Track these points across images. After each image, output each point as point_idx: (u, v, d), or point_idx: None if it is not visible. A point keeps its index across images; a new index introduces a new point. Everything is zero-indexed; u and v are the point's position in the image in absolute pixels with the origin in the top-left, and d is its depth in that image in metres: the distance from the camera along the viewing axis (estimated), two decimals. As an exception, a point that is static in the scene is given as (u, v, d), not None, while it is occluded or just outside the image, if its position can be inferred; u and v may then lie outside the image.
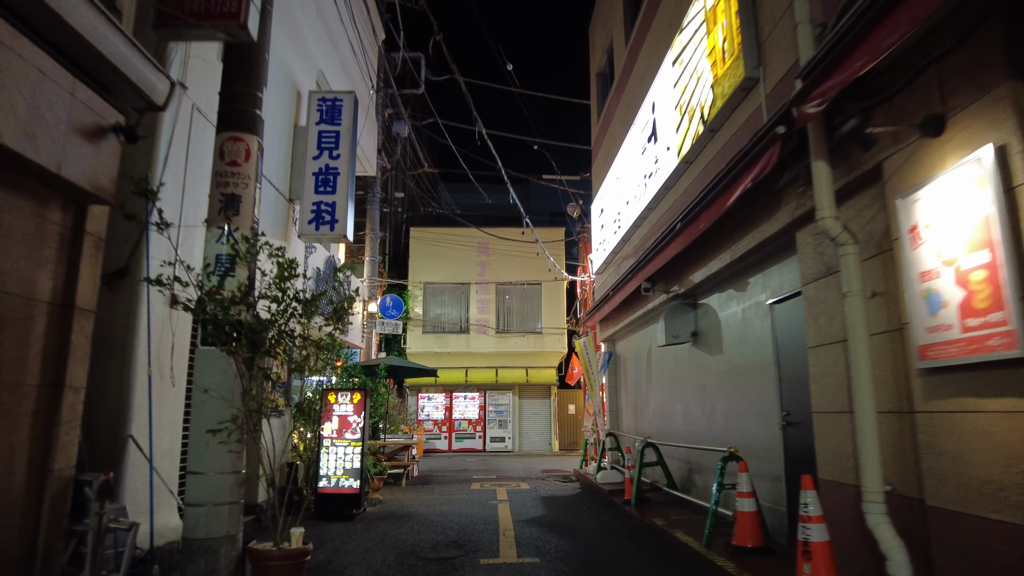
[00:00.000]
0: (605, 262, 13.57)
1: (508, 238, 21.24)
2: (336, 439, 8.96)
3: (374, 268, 16.92)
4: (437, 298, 23.61)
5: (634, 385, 12.75)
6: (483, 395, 22.94)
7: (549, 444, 22.85)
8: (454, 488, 12.15)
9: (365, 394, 9.08)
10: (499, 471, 15.88)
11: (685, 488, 9.30)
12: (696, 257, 8.03)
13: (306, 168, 9.66)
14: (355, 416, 9.00)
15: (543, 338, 22.90)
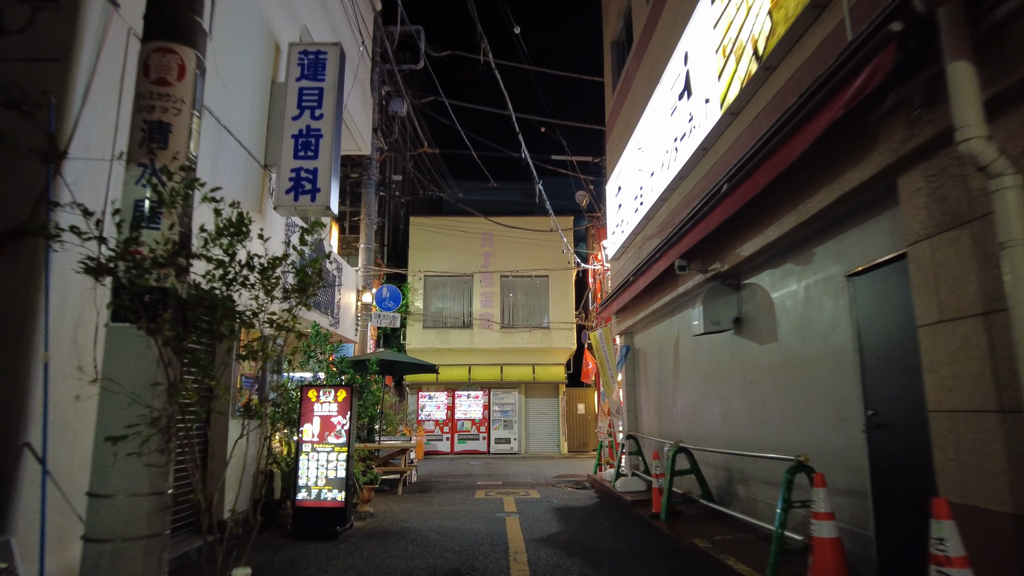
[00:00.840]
0: (623, 246, 12.25)
1: (514, 226, 19.94)
2: (318, 444, 7.65)
3: (370, 256, 15.62)
4: (438, 291, 22.31)
5: (656, 382, 11.43)
6: (487, 394, 21.63)
7: (557, 446, 21.53)
8: (456, 497, 10.84)
9: (351, 392, 7.77)
10: (505, 476, 14.57)
11: (724, 500, 7.97)
12: (746, 225, 6.71)
13: (284, 130, 8.36)
14: (339, 417, 7.69)
15: (551, 333, 21.58)
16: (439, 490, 11.82)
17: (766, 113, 6.24)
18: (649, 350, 11.83)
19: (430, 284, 22.23)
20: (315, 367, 8.76)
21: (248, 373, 7.61)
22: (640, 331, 12.39)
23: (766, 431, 6.92)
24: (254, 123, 8.19)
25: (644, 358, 12.19)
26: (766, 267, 6.95)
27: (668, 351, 10.61)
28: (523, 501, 10.33)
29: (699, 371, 9.11)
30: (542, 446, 21.58)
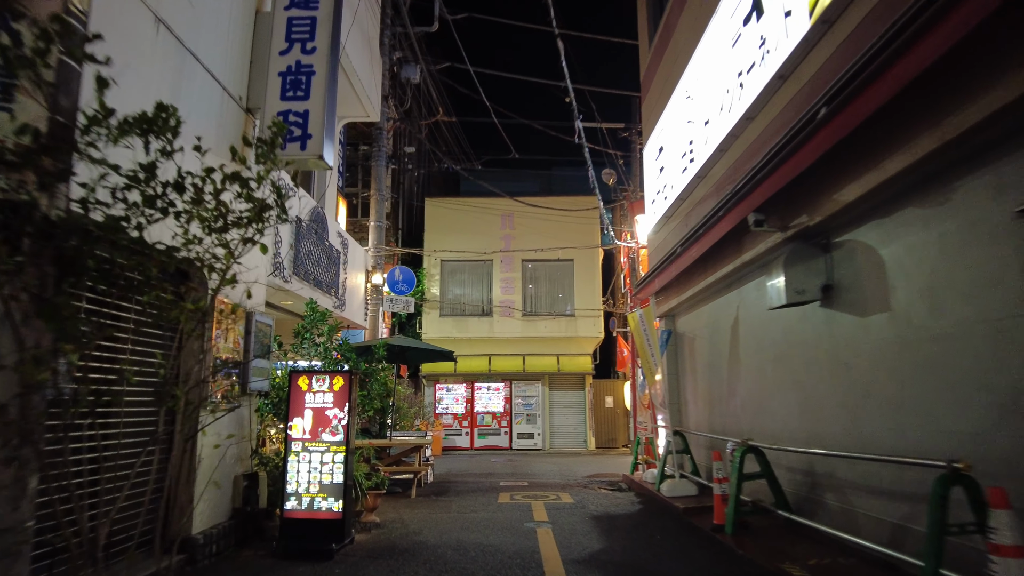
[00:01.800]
0: (665, 216, 10.75)
1: (538, 205, 18.48)
2: (309, 442, 6.29)
3: (381, 235, 14.26)
4: (456, 276, 20.92)
5: (706, 370, 9.94)
6: (509, 386, 20.24)
7: (584, 441, 20.09)
8: (477, 501, 9.45)
9: (350, 379, 6.39)
10: (531, 475, 13.17)
11: (806, 510, 6.49)
12: (852, 160, 5.21)
13: (270, 67, 6.98)
14: (336, 410, 6.32)
15: (576, 321, 20.11)
16: (458, 492, 10.44)
17: (882, 8, 4.73)
18: (697, 333, 10.34)
19: (447, 269, 20.85)
20: (311, 351, 7.40)
21: (227, 356, 6.26)
22: (684, 312, 10.89)
23: (871, 426, 5.43)
24: (234, 59, 6.80)
25: (690, 343, 10.70)
26: (873, 216, 5.44)
27: (723, 333, 9.11)
28: (555, 507, 8.92)
29: (766, 354, 7.61)
30: (567, 442, 20.16)
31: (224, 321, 6.19)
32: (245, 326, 6.67)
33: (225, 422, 6.27)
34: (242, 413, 6.64)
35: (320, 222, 9.89)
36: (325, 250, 10.18)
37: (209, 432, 5.87)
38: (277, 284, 8.25)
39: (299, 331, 7.45)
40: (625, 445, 20.26)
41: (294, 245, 8.80)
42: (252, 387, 6.71)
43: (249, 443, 6.76)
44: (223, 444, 6.15)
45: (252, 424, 6.81)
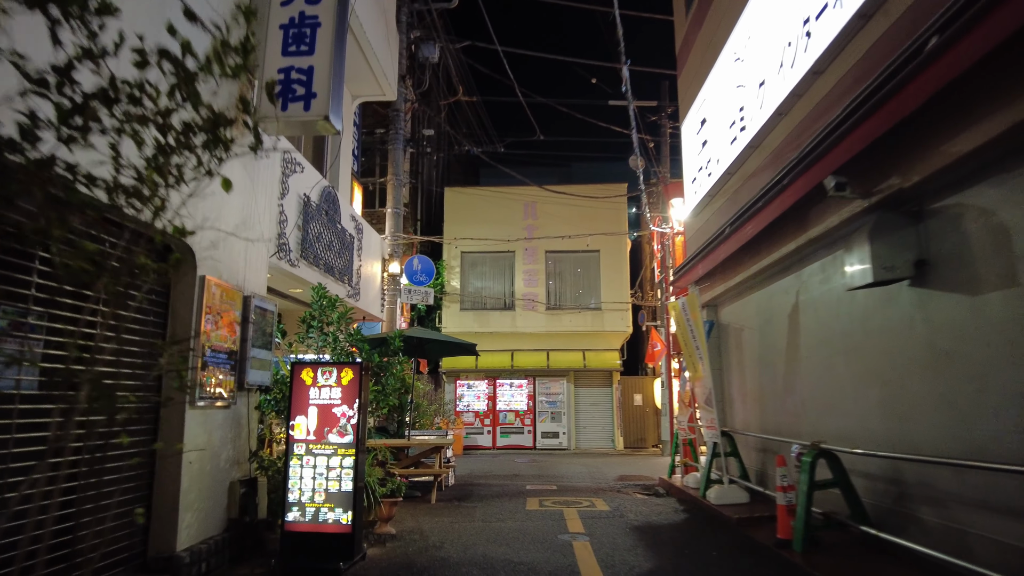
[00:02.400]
0: (708, 194, 9.80)
1: (565, 192, 17.58)
2: (314, 444, 5.46)
3: (398, 222, 13.44)
4: (476, 269, 20.08)
5: (755, 364, 8.99)
6: (532, 383, 19.36)
7: (612, 441, 19.16)
8: (504, 508, 8.60)
9: (361, 372, 5.56)
10: (559, 477, 12.30)
11: (892, 525, 5.53)
12: (969, 105, 4.25)
13: (270, 19, 6.17)
14: (344, 407, 5.49)
15: (602, 315, 19.17)
16: (482, 497, 9.59)
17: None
18: (745, 324, 9.38)
19: (467, 261, 20.03)
20: (319, 342, 6.58)
21: (219, 344, 5.45)
22: (730, 302, 9.93)
23: (987, 427, 4.47)
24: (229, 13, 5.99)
25: (736, 335, 9.74)
26: (991, 172, 4.48)
27: (777, 323, 8.16)
28: (590, 516, 8.04)
29: (835, 345, 6.66)
30: (594, 441, 19.24)
31: (216, 304, 5.38)
32: (242, 311, 5.86)
33: (218, 421, 5.47)
34: (239, 411, 5.84)
35: (331, 203, 9.08)
36: (337, 234, 9.37)
37: (197, 433, 5.08)
38: (282, 268, 7.45)
39: (305, 319, 6.64)
40: (655, 445, 19.30)
41: (302, 226, 8.00)
42: (250, 381, 5.91)
43: (247, 444, 5.96)
44: (215, 445, 5.36)
45: (251, 423, 6.01)
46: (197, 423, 5.12)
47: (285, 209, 7.44)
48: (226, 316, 5.58)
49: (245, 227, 6.06)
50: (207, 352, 5.25)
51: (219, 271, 5.53)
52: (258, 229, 6.35)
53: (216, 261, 5.48)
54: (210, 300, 5.30)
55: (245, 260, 6.05)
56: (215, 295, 5.39)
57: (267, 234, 6.66)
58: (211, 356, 5.32)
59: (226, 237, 5.66)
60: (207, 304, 5.25)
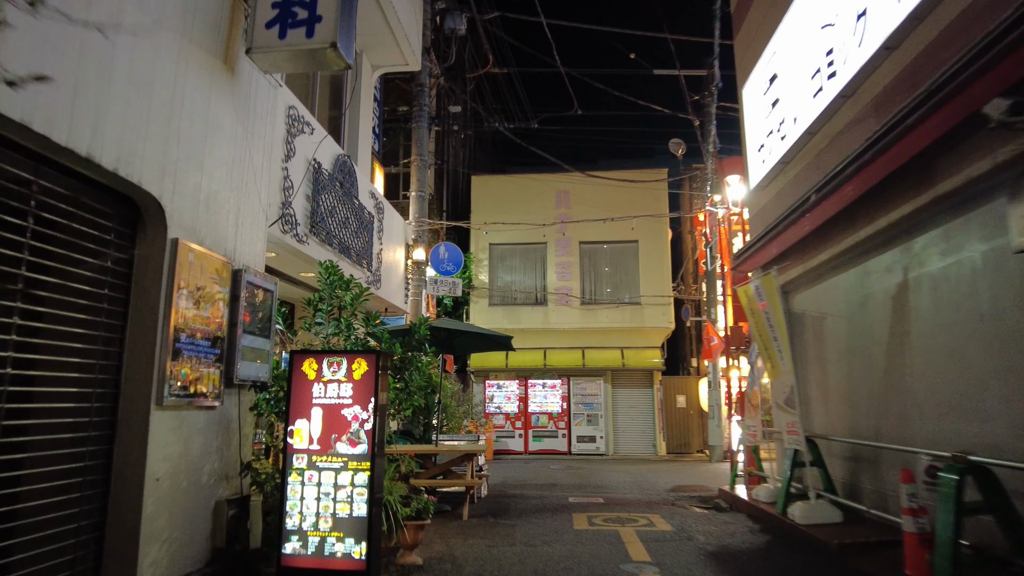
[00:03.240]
0: (781, 162, 8.45)
1: (603, 176, 16.29)
2: (319, 455, 4.28)
3: (423, 206, 12.27)
4: (506, 262, 18.87)
5: (843, 358, 7.64)
6: (566, 383, 18.07)
7: (653, 446, 17.79)
8: (547, 526, 7.35)
9: (379, 364, 4.35)
10: (603, 488, 11.02)
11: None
12: None
13: (266, -71, 5.01)
14: (357, 408, 4.29)
15: (642, 310, 17.81)
16: (520, 512, 8.35)
17: None
18: (829, 311, 8.02)
19: (496, 254, 18.83)
20: (330, 329, 5.38)
21: (199, 328, 4.29)
22: (805, 286, 8.56)
23: None
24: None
25: (814, 325, 8.38)
26: None
27: (877, 306, 6.81)
28: (651, 537, 6.76)
29: (968, 329, 5.30)
30: (633, 446, 17.88)
31: (194, 276, 4.22)
32: (231, 288, 4.70)
33: (199, 425, 4.30)
34: (227, 412, 4.67)
35: (348, 175, 7.92)
36: (354, 211, 8.20)
37: (168, 441, 3.92)
38: (288, 244, 6.29)
39: (312, 301, 5.45)
40: (700, 450, 17.89)
41: (311, 196, 6.84)
42: (242, 375, 4.74)
43: (239, 454, 4.79)
44: (194, 456, 4.20)
45: (243, 428, 4.84)
46: (167, 428, 3.96)
47: (290, 174, 6.29)
48: (209, 293, 4.41)
49: (236, 185, 4.90)
50: (181, 337, 4.09)
51: (199, 235, 4.37)
52: (254, 191, 5.20)
53: (195, 222, 4.32)
54: (185, 271, 4.14)
55: (236, 226, 4.89)
56: (193, 265, 4.23)
57: (267, 199, 5.50)
58: (187, 343, 4.15)
59: (210, 193, 4.50)
60: (181, 276, 4.09)
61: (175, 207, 4.10)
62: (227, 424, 4.67)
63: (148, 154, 3.81)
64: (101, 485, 3.70)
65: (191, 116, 4.27)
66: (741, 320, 11.05)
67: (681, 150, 17.88)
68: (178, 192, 4.13)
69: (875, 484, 6.85)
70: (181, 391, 4.07)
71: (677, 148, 17.88)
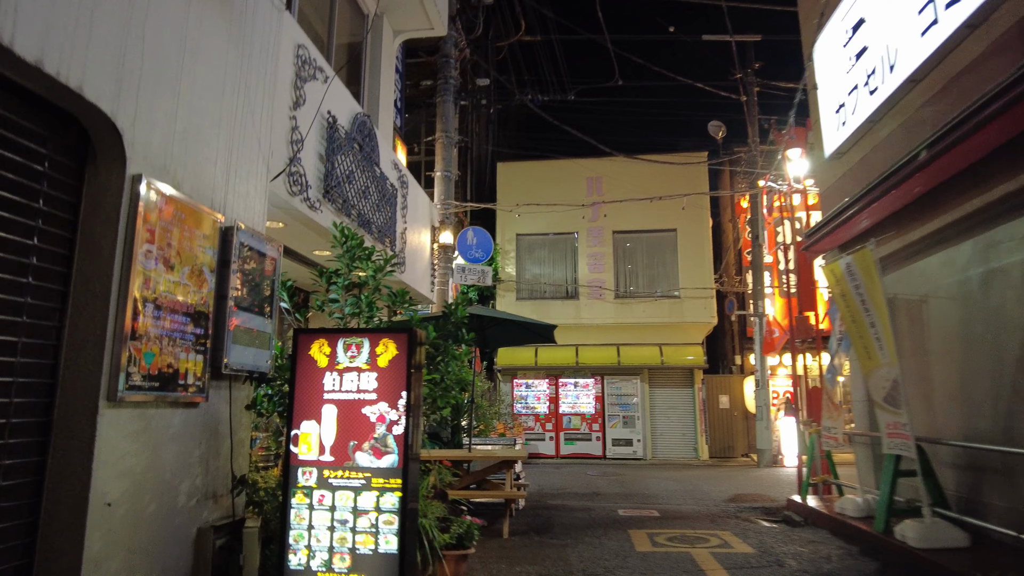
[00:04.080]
0: (870, 119, 7.24)
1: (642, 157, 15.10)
2: (332, 468, 3.18)
3: (449, 187, 11.20)
4: (534, 253, 17.75)
5: (955, 347, 6.42)
6: (600, 382, 16.88)
7: (694, 450, 16.55)
8: (603, 547, 6.22)
9: (411, 344, 3.25)
10: (652, 498, 9.86)
11: None
12: None
13: None
14: (383, 405, 3.19)
15: (681, 304, 16.58)
16: (567, 528, 7.22)
17: None
18: (934, 292, 6.80)
19: (523, 245, 17.72)
20: (347, 308, 4.28)
21: (173, 299, 3.21)
22: (902, 264, 7.32)
23: None
24: None
25: (913, 309, 7.16)
26: None
27: (1005, 283, 5.59)
28: (732, 563, 5.60)
29: None
30: (673, 450, 16.66)
31: (166, 229, 3.15)
32: (219, 250, 3.62)
33: (173, 429, 3.23)
34: (213, 411, 3.59)
35: (368, 137, 6.85)
36: (375, 180, 7.13)
37: (126, 451, 2.84)
38: (297, 209, 5.23)
39: (325, 274, 4.37)
40: (745, 454, 16.63)
41: (326, 156, 5.77)
42: (234, 363, 3.66)
43: (230, 466, 3.71)
44: (166, 469, 3.14)
45: (236, 431, 3.76)
46: (125, 432, 2.89)
47: (299, 124, 5.21)
48: (188, 254, 3.34)
49: (227, 122, 3.84)
50: (146, 310, 3.01)
51: (174, 176, 3.30)
52: (252, 134, 4.13)
53: (167, 159, 3.26)
54: (153, 219, 3.07)
55: (227, 172, 3.82)
56: (165, 215, 3.16)
57: (270, 148, 4.43)
58: (156, 317, 3.08)
59: (189, 126, 3.43)
60: (146, 226, 3.02)
61: (138, 135, 3.03)
62: (214, 427, 3.59)
63: (96, 57, 2.75)
64: (26, 515, 2.63)
65: (159, 21, 3.21)
66: (808, 309, 9.84)
67: (721, 133, 16.68)
68: (142, 117, 3.06)
69: (1010, 499, 5.62)
70: (146, 382, 2.99)
71: (717, 131, 16.68)
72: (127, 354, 2.86)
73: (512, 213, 17.27)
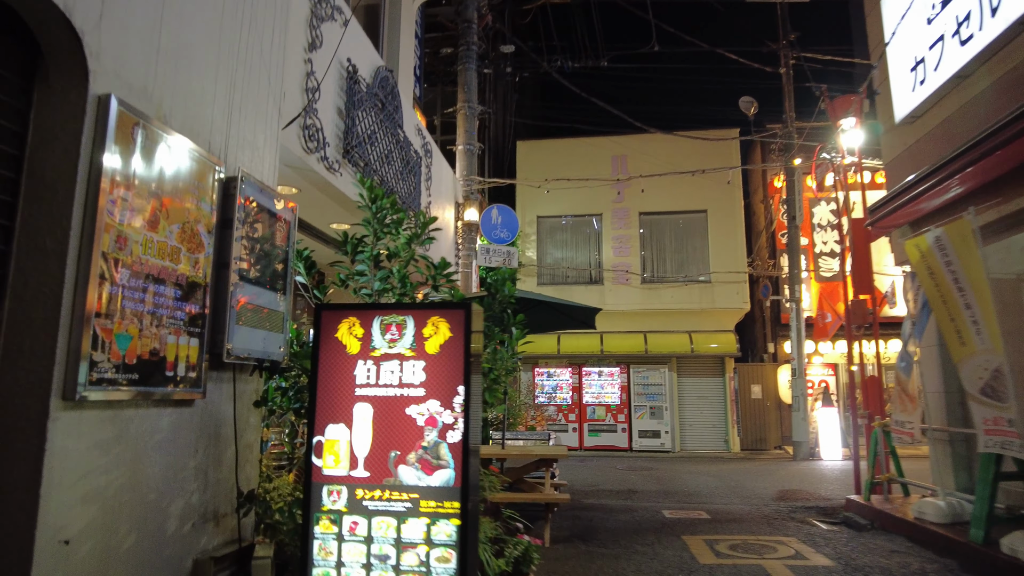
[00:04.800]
0: (958, 75, 6.38)
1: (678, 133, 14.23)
2: (369, 488, 2.40)
3: (472, 162, 10.41)
4: (555, 236, 16.95)
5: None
6: (626, 371, 16.09)
7: (725, 442, 15.77)
8: (658, 556, 5.47)
9: (468, 325, 2.47)
10: (694, 495, 9.12)
11: None
12: None
13: None
14: (435, 404, 2.41)
15: (712, 289, 15.76)
16: (612, 533, 6.46)
17: None
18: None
19: (544, 228, 16.94)
20: (375, 283, 3.50)
21: (156, 264, 2.44)
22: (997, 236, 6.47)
23: None
24: None
25: (1012, 289, 6.32)
26: None
27: None
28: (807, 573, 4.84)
29: None
30: (702, 442, 15.88)
31: (146, 174, 2.38)
32: (220, 207, 2.85)
33: (160, 435, 2.47)
34: (213, 410, 2.84)
35: (390, 94, 6.05)
36: (398, 145, 6.34)
37: (89, 468, 2.06)
38: (313, 169, 4.45)
39: (349, 242, 3.59)
40: (778, 447, 15.83)
41: (345, 111, 4.99)
42: (238, 349, 2.90)
43: (234, 478, 2.95)
44: (148, 488, 2.37)
45: (241, 435, 3.01)
46: (89, 443, 2.13)
47: (315, 69, 4.42)
48: (178, 207, 2.57)
49: (228, 47, 3.05)
50: (118, 275, 2.25)
51: (158, 104, 2.52)
52: (261, 69, 3.35)
53: (149, 80, 2.48)
54: (128, 155, 2.29)
55: (229, 109, 3.05)
56: (145, 151, 2.38)
57: (281, 90, 3.65)
58: (133, 286, 2.31)
59: (180, 43, 2.65)
60: (119, 165, 2.24)
61: (106, 43, 2.26)
62: (214, 430, 2.83)
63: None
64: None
65: None
66: (863, 291, 8.98)
67: (753, 109, 15.77)
68: (112, 18, 2.28)
69: None
70: (120, 374, 2.23)
71: (749, 107, 15.76)
72: (91, 336, 2.10)
73: (532, 195, 16.49)
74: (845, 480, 10.98)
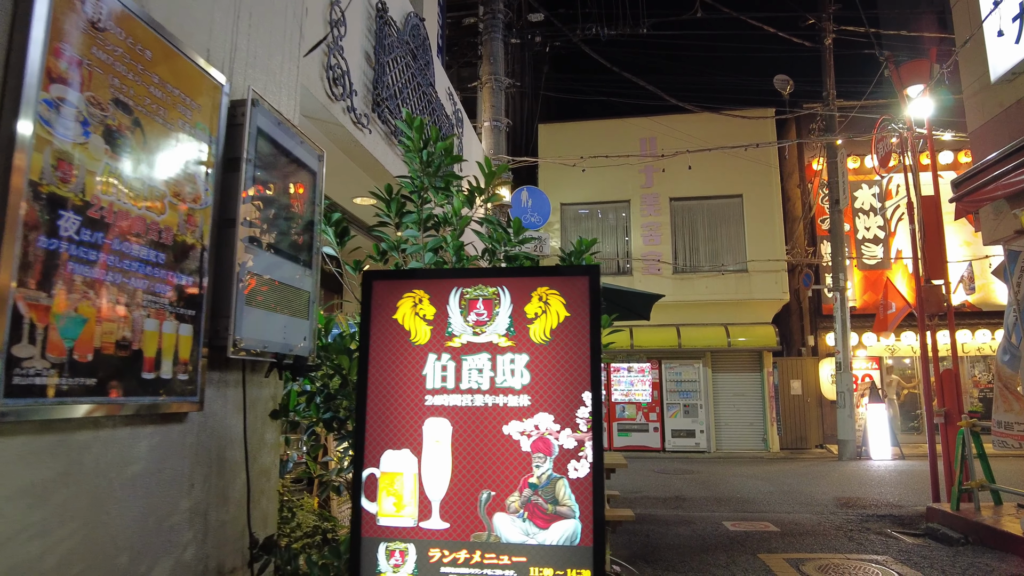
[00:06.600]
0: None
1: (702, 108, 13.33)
2: (447, 546, 1.57)
3: (499, 139, 9.57)
4: (581, 224, 16.09)
5: None
6: (657, 367, 15.20)
7: (763, 441, 14.87)
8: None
9: (593, 300, 1.62)
10: (749, 503, 8.27)
11: None
12: None
13: None
14: (546, 419, 1.57)
15: (749, 279, 14.84)
16: (676, 550, 5.63)
17: None
18: None
19: (568, 215, 16.08)
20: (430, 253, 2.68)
21: (115, 207, 1.60)
22: None
23: None
24: None
25: None
26: None
27: None
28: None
29: None
30: (740, 441, 14.98)
31: (106, 69, 1.55)
32: (224, 141, 2.02)
33: (136, 466, 1.63)
34: (214, 426, 2.01)
35: (421, 46, 5.22)
36: (430, 106, 5.50)
37: (25, 523, 1.18)
38: (337, 121, 3.62)
39: (393, 200, 2.75)
40: (820, 445, 14.93)
41: (374, 57, 4.15)
42: (249, 341, 2.07)
43: (246, 516, 2.13)
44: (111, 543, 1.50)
45: (253, 459, 2.19)
46: (7, 491, 1.30)
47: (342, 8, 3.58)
48: (157, 127, 1.74)
49: None
50: (60, 226, 1.42)
51: None
52: None
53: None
54: (77, 40, 1.46)
55: (235, 15, 2.21)
56: (107, 37, 1.55)
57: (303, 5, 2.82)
58: (83, 244, 1.49)
59: None
60: (59, 46, 1.42)
61: None
62: (217, 452, 2.01)
63: None
64: None
65: None
66: (935, 276, 8.10)
67: (789, 88, 14.84)
68: None
69: None
70: (65, 377, 1.41)
71: (784, 86, 14.82)
72: (7, 317, 1.28)
73: (555, 180, 15.63)
74: (906, 483, 10.10)
